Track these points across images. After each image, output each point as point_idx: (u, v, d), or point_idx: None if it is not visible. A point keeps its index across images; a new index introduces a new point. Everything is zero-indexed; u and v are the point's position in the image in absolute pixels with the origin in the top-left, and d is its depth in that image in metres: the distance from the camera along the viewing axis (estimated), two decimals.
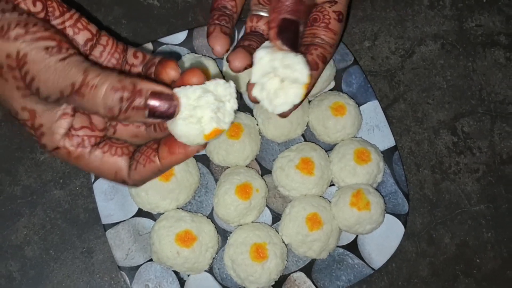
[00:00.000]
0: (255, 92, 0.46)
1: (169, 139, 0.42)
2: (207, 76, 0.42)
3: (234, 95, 0.41)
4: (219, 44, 0.49)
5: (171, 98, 0.38)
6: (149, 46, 0.63)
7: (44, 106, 0.41)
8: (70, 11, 0.44)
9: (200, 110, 0.40)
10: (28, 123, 0.42)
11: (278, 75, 0.45)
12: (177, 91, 0.39)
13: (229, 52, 0.50)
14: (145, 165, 0.43)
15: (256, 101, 0.47)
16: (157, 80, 0.42)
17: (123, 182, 0.45)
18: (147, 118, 0.39)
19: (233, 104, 0.41)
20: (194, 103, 0.39)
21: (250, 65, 0.49)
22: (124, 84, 0.38)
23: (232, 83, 0.41)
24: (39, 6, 0.42)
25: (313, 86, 0.50)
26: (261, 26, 0.52)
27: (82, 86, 0.38)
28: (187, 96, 0.39)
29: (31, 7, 0.41)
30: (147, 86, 0.38)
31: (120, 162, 0.44)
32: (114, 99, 0.38)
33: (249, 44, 0.50)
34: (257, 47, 0.50)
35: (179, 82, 0.41)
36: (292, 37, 0.46)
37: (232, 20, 0.51)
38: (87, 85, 0.38)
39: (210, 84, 0.40)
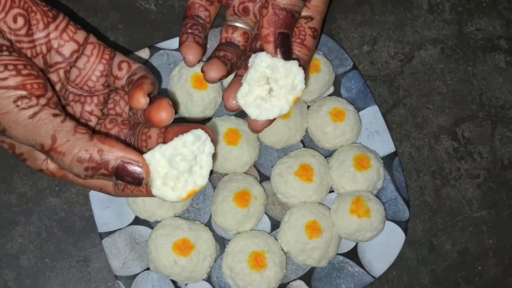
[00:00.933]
0: (240, 95, 0.45)
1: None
2: (175, 107, 0.43)
3: (208, 141, 0.41)
4: (191, 54, 0.49)
5: (139, 165, 0.39)
6: (146, 51, 0.62)
7: None
8: (55, 20, 0.44)
9: (172, 175, 0.40)
10: (9, 151, 0.43)
11: (270, 83, 0.45)
12: (147, 157, 0.40)
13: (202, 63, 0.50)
14: (132, 191, 0.44)
15: (233, 110, 0.48)
16: (135, 129, 0.45)
17: (109, 194, 0.45)
18: (117, 182, 0.40)
19: (208, 151, 0.41)
20: (165, 168, 0.40)
21: (225, 75, 0.49)
22: (91, 153, 0.38)
23: (199, 132, 0.41)
24: (20, 21, 0.41)
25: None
26: (236, 37, 0.52)
27: (50, 150, 0.38)
28: (157, 161, 0.40)
29: (11, 25, 0.41)
30: (115, 154, 0.38)
31: (103, 181, 0.44)
32: (79, 169, 0.38)
33: (224, 55, 0.50)
34: (232, 58, 0.50)
35: (148, 116, 0.42)
36: (288, 50, 0.46)
37: (205, 29, 0.51)
38: (55, 151, 0.38)
39: (178, 143, 0.40)
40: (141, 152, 0.40)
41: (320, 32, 0.51)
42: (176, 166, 0.40)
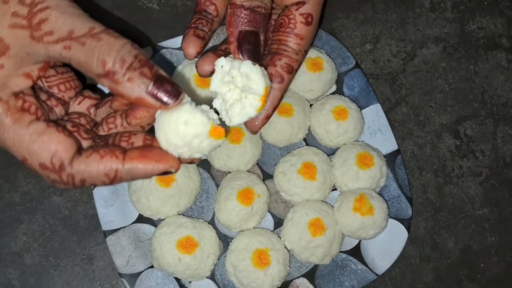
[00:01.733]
0: (215, 103, 0.45)
1: (146, 145, 0.40)
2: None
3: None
4: (190, 47, 0.47)
5: (177, 87, 0.37)
6: (149, 50, 0.62)
7: (21, 49, 0.37)
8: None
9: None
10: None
11: (237, 85, 0.44)
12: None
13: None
14: (103, 157, 0.37)
15: (204, 75, 0.47)
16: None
17: (60, 168, 0.37)
18: (147, 93, 0.36)
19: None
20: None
21: (202, 49, 0.48)
22: (142, 51, 0.37)
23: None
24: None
25: (280, 98, 0.49)
26: (209, 5, 0.50)
27: (102, 32, 0.36)
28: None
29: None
30: (159, 68, 0.37)
31: (64, 142, 0.37)
32: (131, 53, 0.36)
33: (197, 26, 0.48)
34: (207, 25, 0.48)
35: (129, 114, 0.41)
36: (252, 48, 0.45)
37: (212, 23, 0.50)
38: (107, 33, 0.36)
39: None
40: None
41: (315, 17, 0.49)
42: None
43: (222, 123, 0.42)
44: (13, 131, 0.37)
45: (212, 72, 0.47)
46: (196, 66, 0.48)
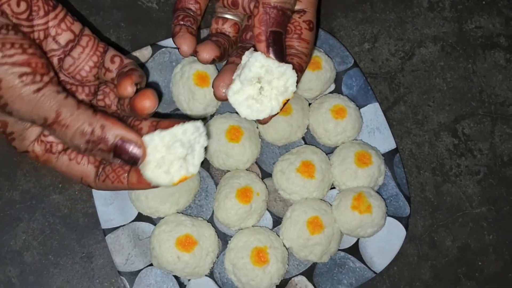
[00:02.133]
0: (231, 92, 0.46)
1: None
2: (160, 99, 0.44)
3: (204, 134, 0.43)
4: (186, 44, 0.49)
5: (138, 146, 0.41)
6: (148, 49, 0.63)
7: (15, 119, 0.43)
8: (55, 9, 0.45)
9: (168, 160, 0.42)
10: (0, 129, 0.44)
11: (262, 83, 0.45)
12: (146, 139, 0.41)
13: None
14: (113, 182, 0.45)
15: (222, 99, 0.48)
16: (126, 122, 0.45)
17: (89, 186, 0.47)
18: (114, 159, 0.41)
19: (202, 143, 0.43)
20: (162, 153, 0.42)
21: (218, 57, 0.50)
22: (93, 127, 0.40)
23: (199, 124, 0.43)
24: (23, 6, 0.43)
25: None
26: (227, 28, 0.53)
27: (54, 123, 0.40)
28: (154, 145, 0.41)
29: (14, 8, 0.42)
30: (116, 132, 0.40)
31: (86, 169, 0.46)
32: (81, 141, 0.40)
33: (217, 40, 0.51)
34: (224, 44, 0.51)
35: (133, 104, 0.44)
36: (280, 49, 0.47)
37: (196, 22, 0.51)
38: (58, 123, 0.40)
39: (179, 130, 0.42)
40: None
41: (315, 23, 0.51)
42: (173, 152, 0.42)
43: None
44: (49, 166, 0.47)
45: (213, 60, 0.49)
46: (196, 53, 0.49)
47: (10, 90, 0.39)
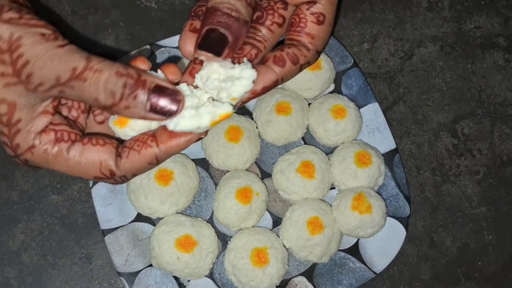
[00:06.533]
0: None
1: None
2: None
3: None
4: (187, 44, 0.43)
5: (175, 93, 0.37)
6: (147, 49, 0.62)
7: (26, 99, 0.38)
8: None
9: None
10: (3, 118, 0.39)
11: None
12: (182, 88, 0.38)
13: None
14: (140, 151, 0.40)
15: (188, 57, 0.43)
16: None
17: (111, 174, 0.40)
18: (147, 112, 0.37)
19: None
20: (196, 99, 0.39)
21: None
22: (129, 71, 0.37)
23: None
24: None
25: (274, 82, 0.44)
26: None
27: (85, 70, 0.36)
28: (191, 93, 0.38)
29: None
30: (152, 79, 0.37)
31: (104, 151, 0.40)
32: (117, 84, 0.36)
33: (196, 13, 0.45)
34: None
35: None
36: (213, 43, 0.41)
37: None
38: (90, 69, 0.36)
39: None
40: None
41: (330, 16, 0.47)
42: (202, 94, 0.39)
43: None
44: (59, 163, 0.40)
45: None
46: (179, 47, 0.44)
47: (32, 46, 0.37)
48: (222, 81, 0.40)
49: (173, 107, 0.37)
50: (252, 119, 0.63)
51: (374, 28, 0.68)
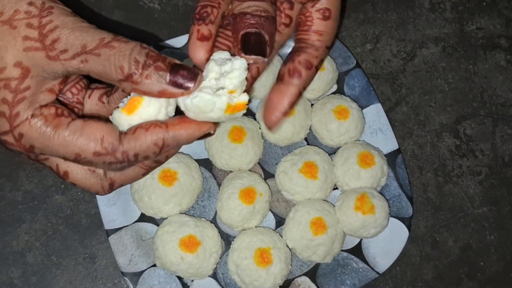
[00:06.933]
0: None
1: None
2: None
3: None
4: (197, 52, 0.42)
5: (193, 70, 0.38)
6: None
7: (41, 69, 0.38)
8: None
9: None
10: (12, 83, 0.38)
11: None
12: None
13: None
14: (148, 129, 0.39)
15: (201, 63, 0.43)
16: None
17: (113, 149, 0.39)
18: (167, 84, 0.37)
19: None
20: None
21: (211, 51, 0.43)
22: (151, 48, 0.38)
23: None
24: None
25: (298, 95, 0.45)
26: None
27: (112, 40, 0.37)
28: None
29: None
30: (170, 58, 0.38)
31: (107, 126, 0.39)
32: (142, 52, 0.37)
33: (208, 33, 0.43)
34: (215, 18, 0.44)
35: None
36: (255, 46, 0.43)
37: (219, 6, 0.44)
38: (118, 40, 0.37)
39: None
40: None
41: (335, 11, 0.47)
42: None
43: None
44: (57, 136, 0.39)
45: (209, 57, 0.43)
46: (190, 56, 0.43)
47: (61, 15, 0.38)
48: (218, 80, 0.41)
49: (190, 83, 0.38)
50: (255, 119, 0.64)
51: (376, 29, 0.69)
